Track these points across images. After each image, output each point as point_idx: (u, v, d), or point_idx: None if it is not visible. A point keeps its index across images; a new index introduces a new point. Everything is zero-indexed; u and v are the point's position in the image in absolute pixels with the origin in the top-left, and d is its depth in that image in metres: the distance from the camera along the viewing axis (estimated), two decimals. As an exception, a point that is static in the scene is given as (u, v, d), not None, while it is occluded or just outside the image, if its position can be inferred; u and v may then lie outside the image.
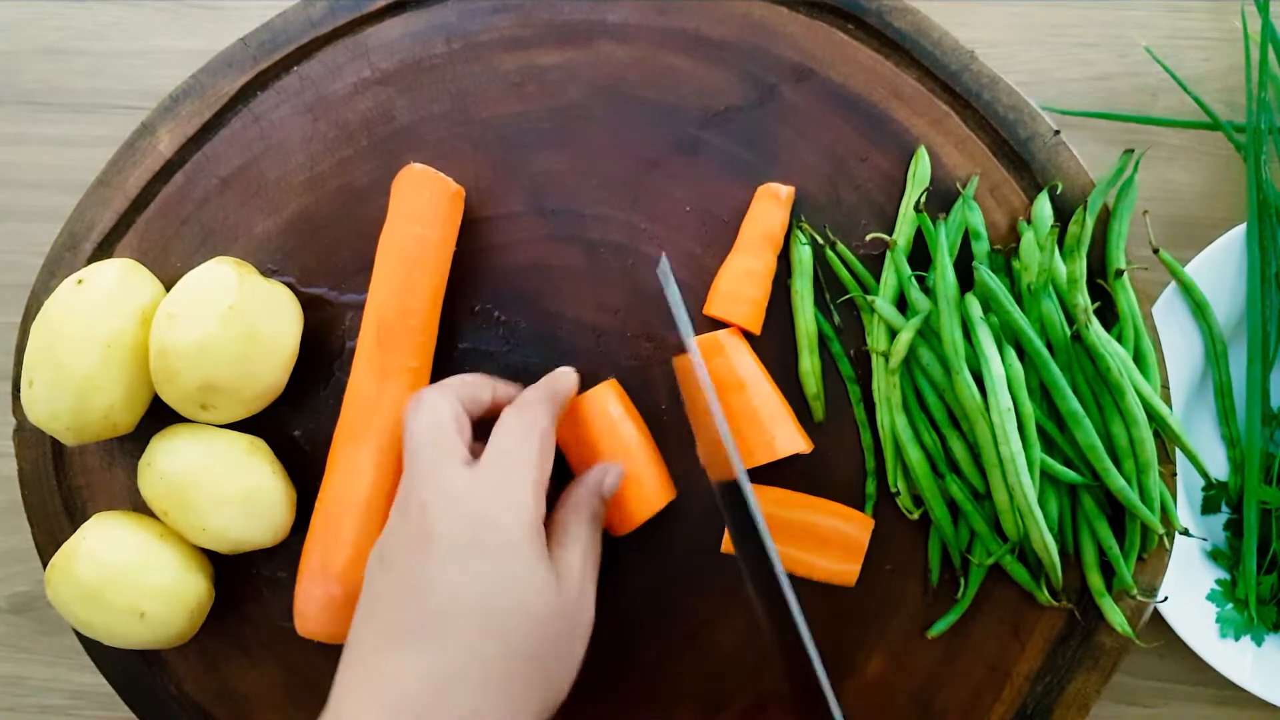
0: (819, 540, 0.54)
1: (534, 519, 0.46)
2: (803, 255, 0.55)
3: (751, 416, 0.53)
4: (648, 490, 0.53)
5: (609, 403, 0.54)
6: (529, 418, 0.48)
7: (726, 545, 0.55)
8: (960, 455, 0.54)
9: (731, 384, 0.54)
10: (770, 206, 0.55)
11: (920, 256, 0.56)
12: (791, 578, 0.55)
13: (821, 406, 0.56)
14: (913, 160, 0.56)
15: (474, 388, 0.50)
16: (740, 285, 0.55)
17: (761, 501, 0.54)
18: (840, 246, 0.56)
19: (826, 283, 0.56)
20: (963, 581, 0.55)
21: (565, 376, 0.53)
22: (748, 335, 0.56)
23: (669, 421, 0.56)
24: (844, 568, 0.54)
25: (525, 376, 0.57)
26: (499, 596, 0.44)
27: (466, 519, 0.45)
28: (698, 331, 0.56)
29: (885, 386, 0.54)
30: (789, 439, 0.53)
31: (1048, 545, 0.52)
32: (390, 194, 0.55)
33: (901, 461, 0.55)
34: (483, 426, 0.50)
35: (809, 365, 0.55)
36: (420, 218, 0.54)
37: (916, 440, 0.54)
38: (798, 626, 0.48)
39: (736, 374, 0.54)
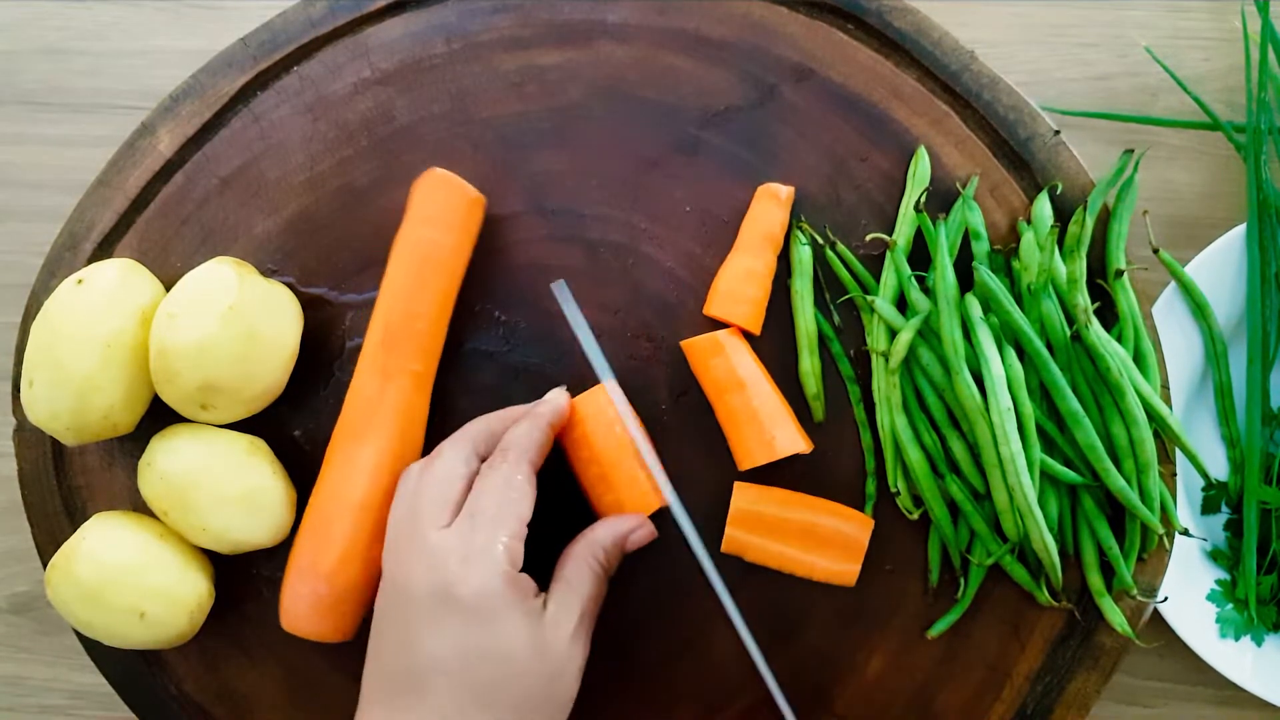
0: (819, 540, 0.54)
1: (507, 571, 0.47)
2: (803, 255, 0.55)
3: (751, 416, 0.53)
4: (644, 490, 0.53)
5: (608, 403, 0.54)
6: (506, 469, 0.49)
7: (727, 545, 0.55)
8: (960, 455, 0.54)
9: (731, 384, 0.54)
10: (770, 206, 0.55)
11: (919, 257, 0.56)
12: (791, 578, 0.55)
13: (821, 407, 0.56)
14: (912, 160, 0.56)
15: (491, 433, 0.51)
16: (740, 285, 0.55)
17: (762, 502, 0.54)
18: (840, 246, 0.56)
19: (826, 283, 0.56)
20: (963, 581, 0.55)
21: (554, 403, 0.53)
22: (747, 336, 0.56)
23: (669, 422, 0.56)
24: (844, 567, 0.54)
25: (525, 376, 0.57)
26: (474, 650, 0.45)
27: (439, 577, 0.46)
28: (696, 331, 0.56)
29: (885, 386, 0.54)
30: (789, 439, 0.53)
31: (1047, 545, 0.52)
32: (408, 197, 0.55)
33: (901, 461, 0.55)
34: None
35: (809, 365, 0.55)
36: (435, 222, 0.54)
37: (916, 440, 0.54)
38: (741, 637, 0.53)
39: (737, 374, 0.54)
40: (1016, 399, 0.52)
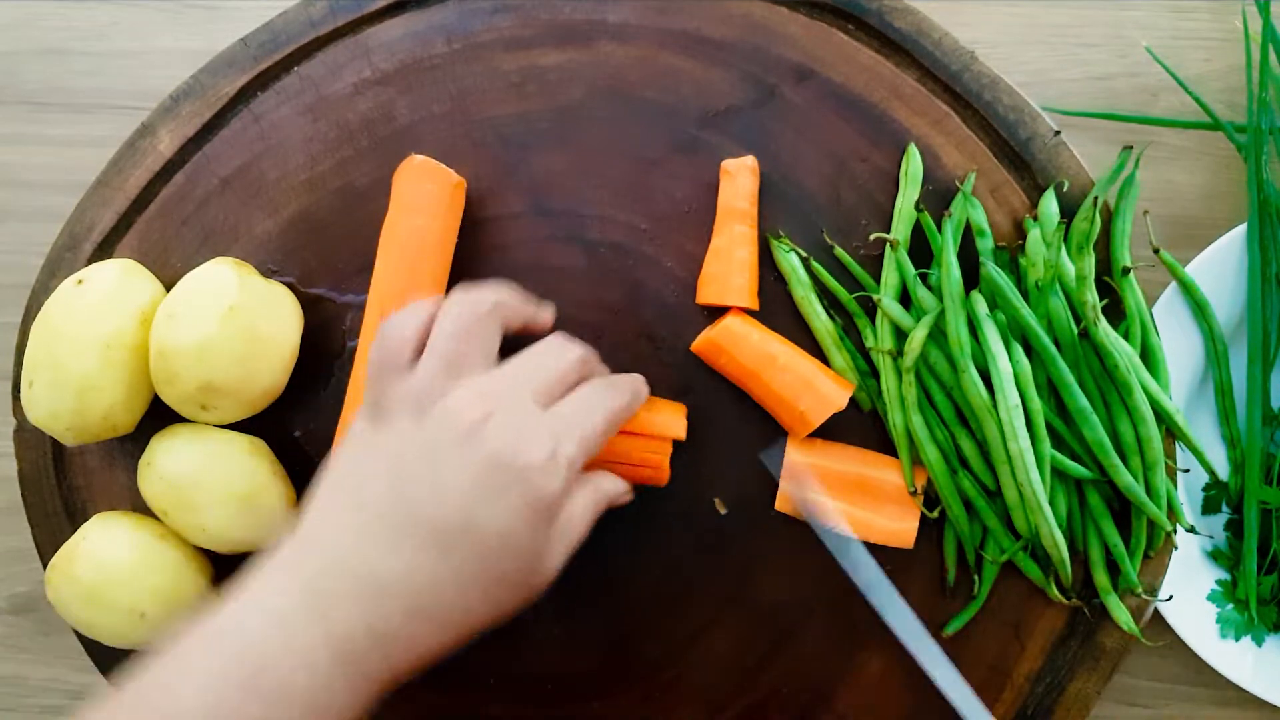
0: (876, 496, 0.54)
1: (567, 487, 0.45)
2: (791, 262, 0.55)
3: (792, 384, 0.53)
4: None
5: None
6: (612, 396, 0.48)
7: (780, 503, 0.55)
8: (970, 453, 0.54)
9: (762, 362, 0.53)
10: (732, 181, 0.55)
11: (915, 256, 0.56)
12: (792, 578, 0.55)
13: (867, 396, 0.55)
14: (904, 158, 0.56)
15: (515, 309, 0.50)
16: (725, 265, 0.55)
17: (818, 456, 0.55)
18: (838, 250, 0.56)
19: (820, 290, 0.56)
20: (976, 579, 0.55)
21: (642, 386, 0.52)
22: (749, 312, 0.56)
23: (669, 422, 0.56)
24: (902, 526, 0.54)
25: (525, 377, 0.57)
26: (513, 542, 0.44)
27: (522, 455, 0.44)
28: (697, 330, 0.56)
29: (898, 386, 0.54)
30: (834, 391, 0.53)
31: (1057, 542, 0.52)
32: (391, 187, 0.55)
33: (914, 460, 0.55)
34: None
35: (842, 362, 0.55)
36: (422, 209, 0.54)
37: (933, 439, 0.54)
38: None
39: (764, 351, 0.54)
40: (1025, 396, 0.52)
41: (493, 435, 0.44)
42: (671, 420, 0.54)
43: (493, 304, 0.48)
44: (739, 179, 0.55)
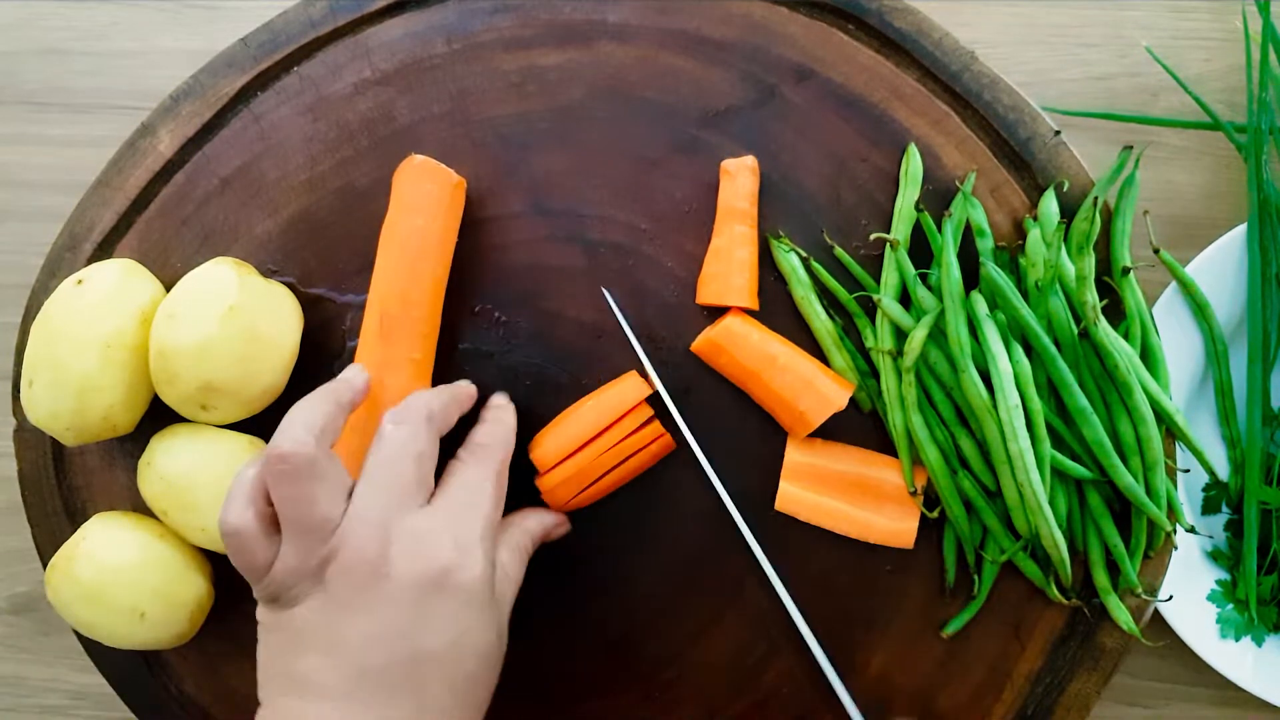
0: (875, 496, 0.55)
1: (490, 562, 0.46)
2: (791, 263, 0.55)
3: (792, 384, 0.53)
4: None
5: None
6: (485, 463, 0.48)
7: (780, 503, 0.55)
8: (970, 453, 0.54)
9: (762, 362, 0.53)
10: (732, 181, 0.55)
11: (915, 256, 0.56)
12: (791, 577, 0.55)
13: (867, 396, 0.55)
14: (904, 158, 0.56)
15: (448, 414, 0.50)
16: (725, 265, 0.55)
17: (818, 456, 0.55)
18: (838, 250, 0.56)
19: (820, 290, 0.56)
20: (976, 579, 0.55)
21: (507, 412, 0.53)
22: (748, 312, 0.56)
23: (670, 422, 0.56)
24: (901, 526, 0.54)
25: (525, 377, 0.57)
26: (466, 642, 0.44)
27: (432, 562, 0.43)
28: (698, 330, 0.56)
29: (898, 386, 0.54)
30: (834, 391, 0.53)
31: (1058, 542, 0.52)
32: (391, 186, 0.55)
33: (914, 460, 0.55)
34: None
35: (842, 362, 0.55)
36: (422, 209, 0.54)
37: (933, 439, 0.54)
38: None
39: (764, 351, 0.54)
40: (1024, 396, 0.52)
41: (397, 563, 0.43)
42: (632, 389, 0.54)
43: (312, 448, 0.44)
44: (739, 179, 0.55)
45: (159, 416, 0.55)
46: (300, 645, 0.43)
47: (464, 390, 0.53)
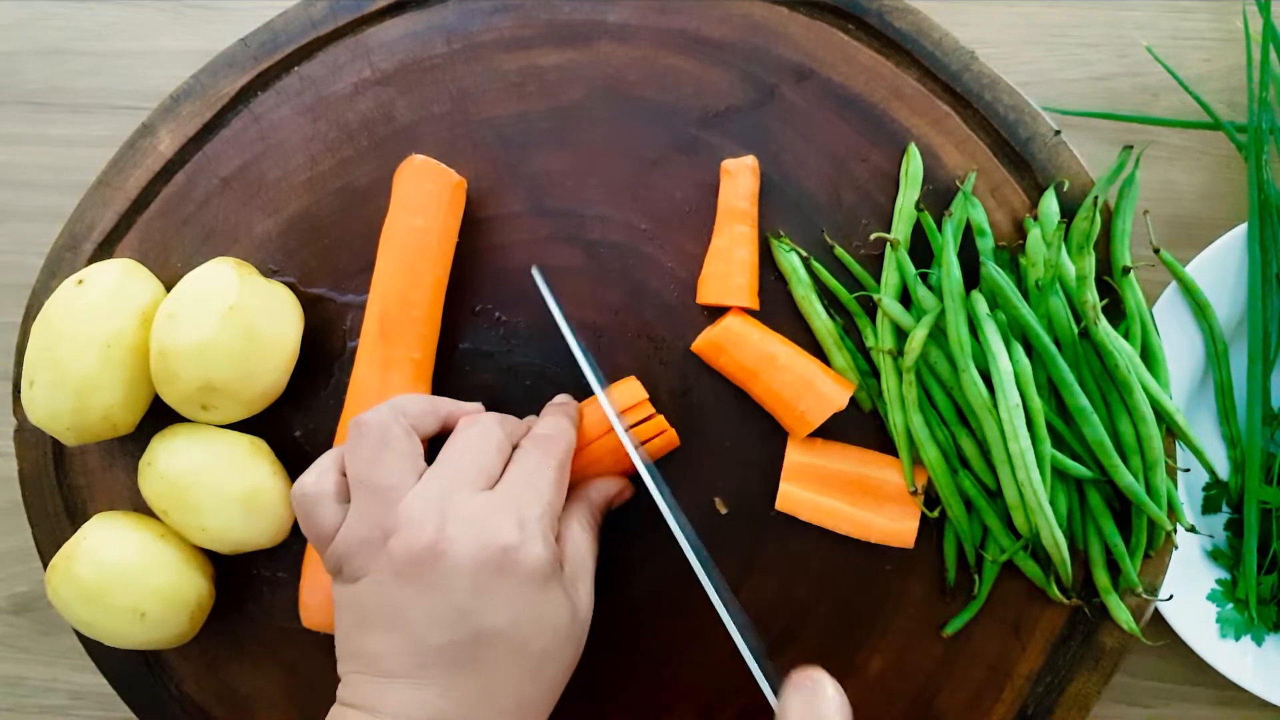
0: (876, 496, 0.55)
1: (552, 542, 0.46)
2: (792, 262, 0.55)
3: (792, 384, 0.53)
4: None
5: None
6: (547, 451, 0.48)
7: (781, 503, 0.55)
8: (970, 452, 0.54)
9: (762, 362, 0.53)
10: (732, 181, 0.55)
11: (915, 256, 0.56)
12: (791, 577, 0.55)
13: (867, 396, 0.55)
14: (904, 158, 0.56)
15: (518, 429, 0.50)
16: (725, 265, 0.55)
17: (818, 456, 0.55)
18: (839, 250, 0.56)
19: (820, 289, 0.56)
20: (977, 579, 0.55)
21: (570, 407, 0.53)
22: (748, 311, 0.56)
23: (673, 422, 0.56)
24: (902, 525, 0.54)
25: (525, 377, 0.57)
26: (531, 619, 0.44)
27: (492, 540, 0.43)
28: (698, 330, 0.56)
29: (899, 386, 0.54)
30: (835, 391, 0.53)
31: (1058, 541, 0.52)
32: (392, 186, 0.55)
33: (915, 460, 0.55)
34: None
35: (842, 362, 0.55)
36: (422, 209, 0.54)
37: (934, 439, 0.54)
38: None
39: (764, 351, 0.54)
40: (1025, 395, 0.52)
41: (455, 541, 0.43)
42: (629, 391, 0.54)
43: (391, 419, 0.46)
44: (739, 179, 0.55)
45: (159, 416, 0.55)
46: (367, 622, 0.44)
47: (527, 421, 0.53)
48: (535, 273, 0.56)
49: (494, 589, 0.43)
